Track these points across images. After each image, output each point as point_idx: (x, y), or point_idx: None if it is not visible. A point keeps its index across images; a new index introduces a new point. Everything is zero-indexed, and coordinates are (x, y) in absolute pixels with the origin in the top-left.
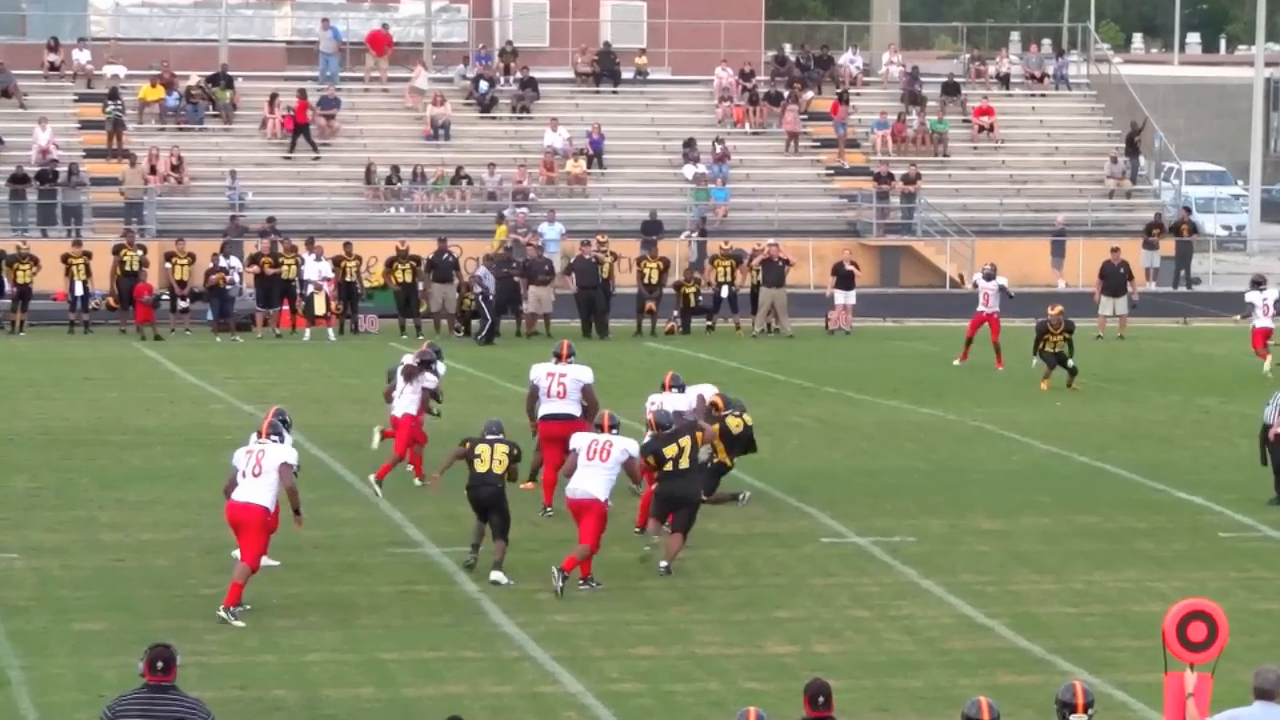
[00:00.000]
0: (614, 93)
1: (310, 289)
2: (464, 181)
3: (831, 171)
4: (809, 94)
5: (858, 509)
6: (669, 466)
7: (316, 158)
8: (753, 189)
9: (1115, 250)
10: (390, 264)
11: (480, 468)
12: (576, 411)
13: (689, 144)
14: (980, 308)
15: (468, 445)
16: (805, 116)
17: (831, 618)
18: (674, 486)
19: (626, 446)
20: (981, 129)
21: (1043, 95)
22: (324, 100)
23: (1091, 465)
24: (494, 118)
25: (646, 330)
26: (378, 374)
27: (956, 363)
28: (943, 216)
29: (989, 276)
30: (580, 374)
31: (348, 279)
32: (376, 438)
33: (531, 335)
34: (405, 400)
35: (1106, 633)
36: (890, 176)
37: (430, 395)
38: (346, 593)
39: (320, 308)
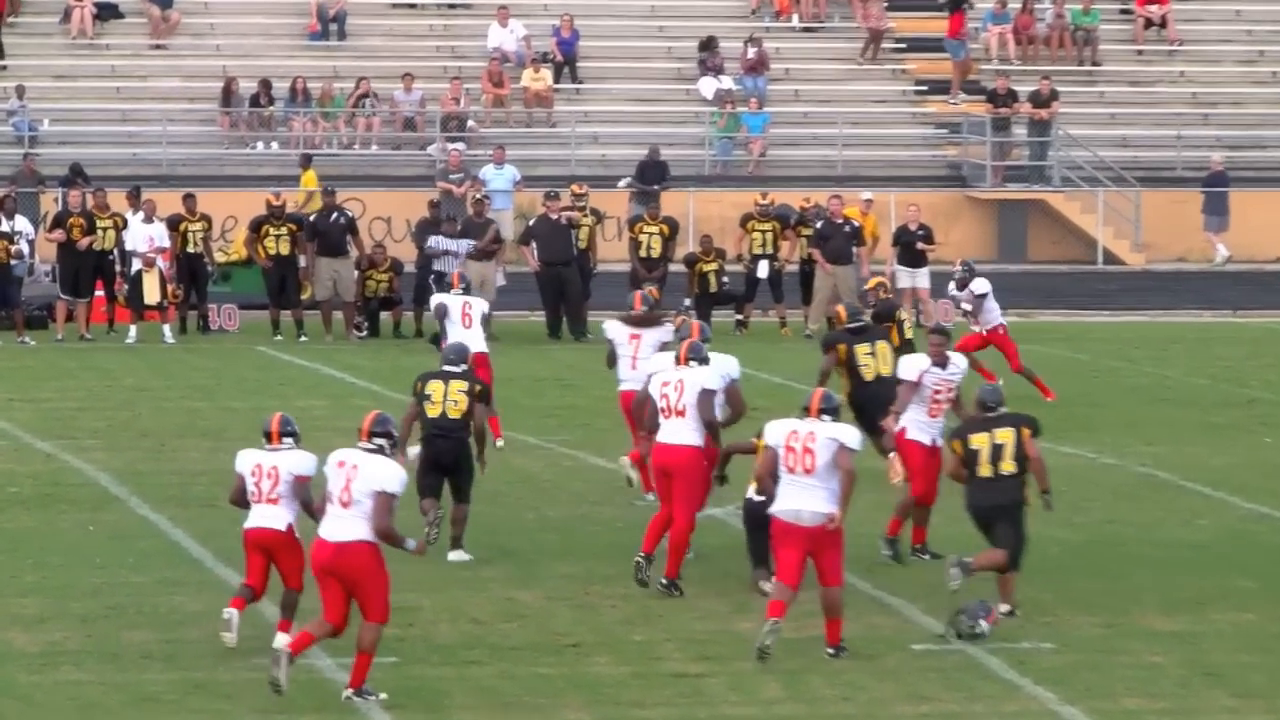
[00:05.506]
0: None
1: (137, 266)
2: (366, 102)
3: (924, 89)
4: None
5: (964, 600)
6: (984, 471)
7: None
8: (804, 114)
9: None
10: (257, 228)
11: (432, 412)
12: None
13: (708, 46)
14: (973, 327)
15: (419, 386)
16: (887, 4)
17: None
18: (987, 497)
19: (837, 436)
20: (1149, 24)
21: None
22: None
23: None
24: (412, 5)
25: None
26: (238, 395)
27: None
28: (1092, 156)
29: (964, 283)
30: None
31: (192, 250)
32: (631, 471)
33: None
34: (651, 365)
35: None
36: (1012, 96)
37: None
38: None
39: (152, 294)
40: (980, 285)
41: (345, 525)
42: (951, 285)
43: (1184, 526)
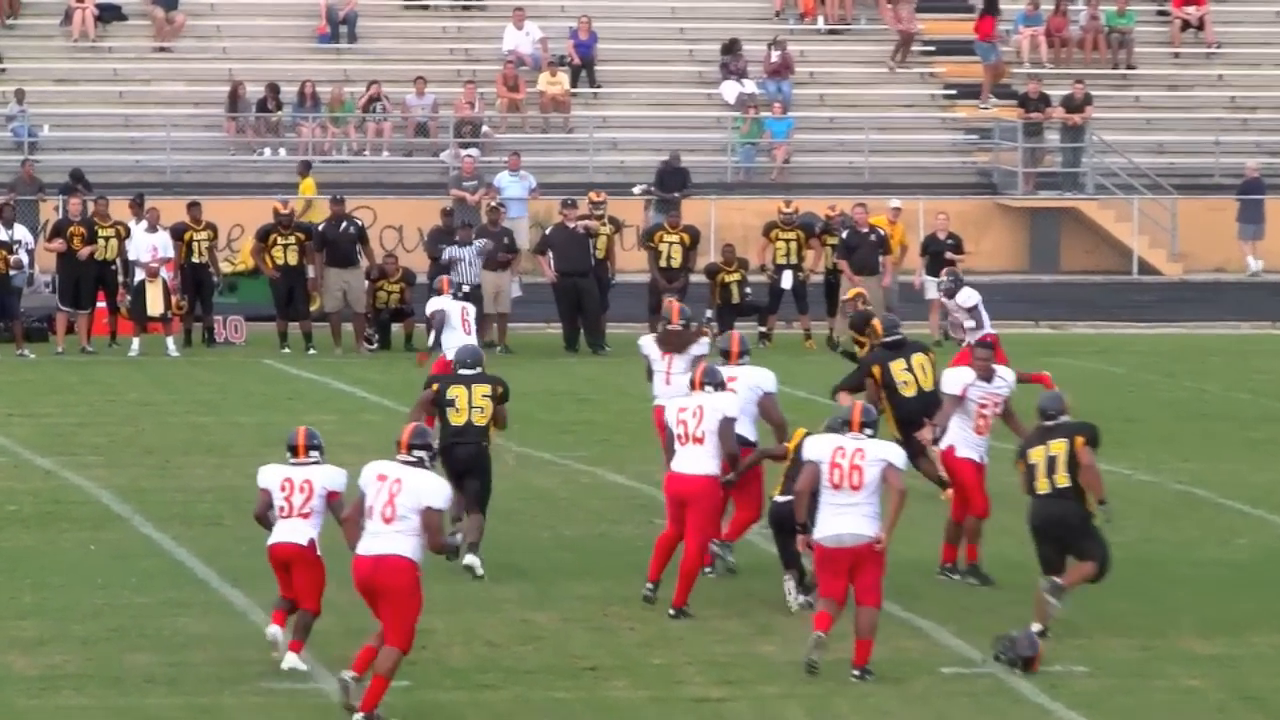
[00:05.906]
0: None
1: (140, 276)
2: (377, 107)
3: (953, 93)
4: None
5: (996, 622)
6: (1042, 486)
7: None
8: (830, 119)
9: None
10: (265, 237)
11: (456, 420)
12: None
13: (730, 49)
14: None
15: (435, 389)
16: (915, 6)
17: None
18: (1047, 514)
19: (885, 455)
20: (1186, 25)
21: None
22: None
23: None
24: (425, 7)
25: None
26: (245, 409)
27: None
28: (1127, 163)
29: (951, 292)
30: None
31: (197, 259)
32: None
33: (484, 348)
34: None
35: None
36: (1045, 100)
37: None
38: None
39: (155, 305)
40: (968, 297)
41: (385, 540)
42: (940, 295)
43: (1222, 546)
